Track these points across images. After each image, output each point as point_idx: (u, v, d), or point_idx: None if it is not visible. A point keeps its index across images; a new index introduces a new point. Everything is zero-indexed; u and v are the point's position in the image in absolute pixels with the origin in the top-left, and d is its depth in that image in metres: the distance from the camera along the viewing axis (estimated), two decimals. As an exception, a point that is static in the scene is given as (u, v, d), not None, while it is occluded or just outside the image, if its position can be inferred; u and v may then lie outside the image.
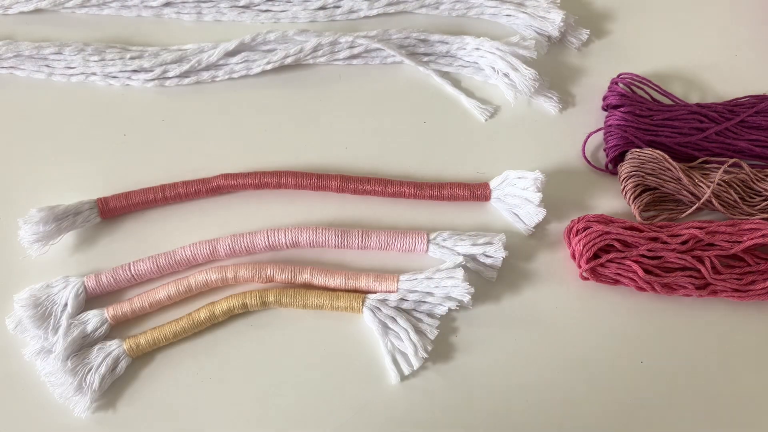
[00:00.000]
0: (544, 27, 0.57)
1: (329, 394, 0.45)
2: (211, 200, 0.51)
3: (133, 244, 0.49)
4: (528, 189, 0.48)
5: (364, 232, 0.48)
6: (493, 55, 0.55)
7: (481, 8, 0.58)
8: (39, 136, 0.53)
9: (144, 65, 0.54)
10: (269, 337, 0.47)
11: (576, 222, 0.48)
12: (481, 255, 0.48)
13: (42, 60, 0.55)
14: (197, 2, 0.58)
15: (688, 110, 0.53)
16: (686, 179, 0.49)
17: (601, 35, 0.59)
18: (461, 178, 0.52)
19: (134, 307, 0.46)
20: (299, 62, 0.56)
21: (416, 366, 0.45)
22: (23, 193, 0.50)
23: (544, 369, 0.46)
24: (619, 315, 0.48)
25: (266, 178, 0.50)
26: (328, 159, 0.52)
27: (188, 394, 0.45)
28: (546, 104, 0.55)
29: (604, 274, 0.47)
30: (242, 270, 0.47)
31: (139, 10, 0.58)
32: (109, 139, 0.53)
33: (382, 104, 0.55)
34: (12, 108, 0.54)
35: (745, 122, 0.53)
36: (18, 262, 0.48)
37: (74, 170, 0.51)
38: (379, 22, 0.58)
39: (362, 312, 0.46)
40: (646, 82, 0.54)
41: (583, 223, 0.48)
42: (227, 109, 0.54)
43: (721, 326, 0.48)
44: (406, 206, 0.51)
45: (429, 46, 0.57)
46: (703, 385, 0.46)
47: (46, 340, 0.45)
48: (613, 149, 0.51)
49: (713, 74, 0.57)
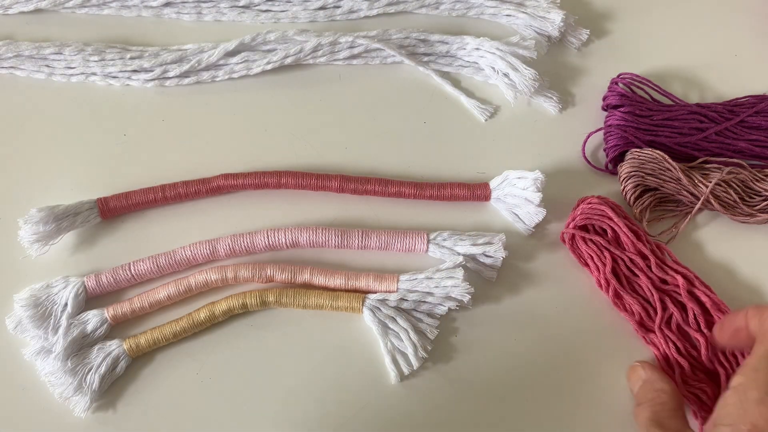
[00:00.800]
0: (544, 27, 0.57)
1: (329, 394, 0.45)
2: (211, 200, 0.51)
3: (133, 244, 0.49)
4: (528, 189, 0.48)
5: (364, 232, 0.48)
6: (493, 55, 0.55)
7: (481, 8, 0.58)
8: (39, 136, 0.53)
9: (144, 65, 0.54)
10: (269, 337, 0.47)
11: (592, 197, 0.48)
12: (481, 255, 0.48)
13: (42, 60, 0.55)
14: (197, 2, 0.58)
15: (687, 110, 0.53)
16: (686, 179, 0.49)
17: (601, 35, 0.59)
18: (461, 178, 0.52)
19: (134, 307, 0.46)
20: (299, 62, 0.56)
21: (416, 366, 0.45)
22: (23, 193, 0.50)
23: (544, 369, 0.46)
24: (618, 316, 0.48)
25: (266, 178, 0.50)
26: (328, 159, 0.53)
27: (188, 394, 0.45)
28: (546, 104, 0.55)
29: (580, 249, 0.48)
30: (242, 270, 0.47)
31: (139, 10, 0.58)
32: (109, 139, 0.53)
33: (382, 104, 0.55)
34: (12, 108, 0.54)
35: (745, 122, 0.53)
36: (18, 262, 0.48)
37: (74, 170, 0.51)
38: (379, 22, 0.58)
39: (362, 312, 0.46)
40: (645, 82, 0.54)
41: (597, 200, 0.48)
42: (227, 109, 0.54)
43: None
44: (406, 206, 0.51)
45: (429, 46, 0.57)
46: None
47: (46, 340, 0.45)
48: (613, 149, 0.51)
49: (713, 74, 0.57)
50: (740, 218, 0.50)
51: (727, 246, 0.50)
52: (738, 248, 0.50)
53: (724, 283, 0.49)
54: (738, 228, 0.51)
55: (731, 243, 0.50)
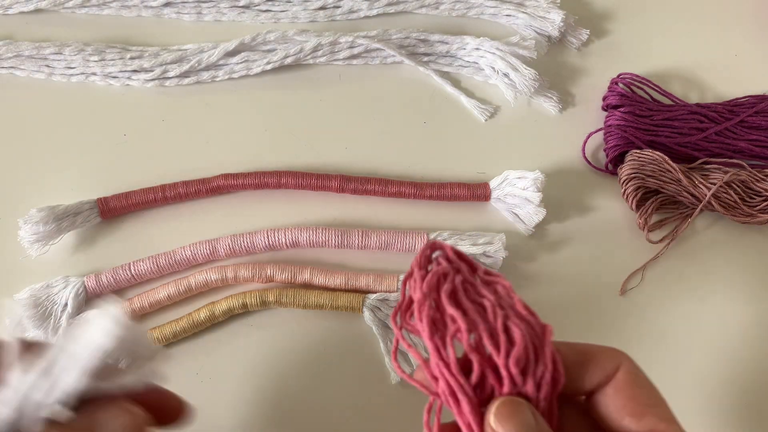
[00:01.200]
0: (544, 27, 0.57)
1: (329, 393, 0.45)
2: (211, 200, 0.51)
3: (133, 244, 0.49)
4: (528, 189, 0.48)
5: (364, 232, 0.48)
6: (493, 55, 0.55)
7: (481, 8, 0.58)
8: (39, 136, 0.53)
9: (144, 65, 0.54)
10: (269, 337, 0.47)
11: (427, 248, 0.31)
12: (481, 255, 0.48)
13: (42, 60, 0.55)
14: (197, 2, 0.58)
15: (687, 110, 0.53)
16: (686, 180, 0.49)
17: (601, 35, 0.59)
18: (461, 178, 0.52)
19: (134, 307, 0.46)
20: (299, 62, 0.56)
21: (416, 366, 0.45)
22: (23, 193, 0.50)
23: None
24: (617, 316, 0.48)
25: (266, 178, 0.50)
26: (328, 159, 0.53)
27: (188, 394, 0.45)
28: (546, 104, 0.55)
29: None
30: (242, 270, 0.47)
31: (139, 10, 0.58)
32: (109, 139, 0.53)
33: (382, 104, 0.55)
34: (12, 108, 0.54)
35: (745, 122, 0.53)
36: (18, 262, 0.48)
37: (74, 170, 0.51)
38: (379, 22, 0.58)
39: (362, 312, 0.46)
40: (646, 82, 0.54)
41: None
42: (227, 109, 0.54)
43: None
44: (406, 206, 0.51)
45: (429, 46, 0.57)
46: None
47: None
48: (613, 149, 0.51)
49: (713, 74, 0.57)
50: (741, 219, 0.50)
51: (728, 246, 0.50)
52: (739, 249, 0.50)
53: (725, 283, 0.49)
54: (738, 228, 0.51)
55: (732, 243, 0.50)
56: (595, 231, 0.51)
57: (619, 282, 0.49)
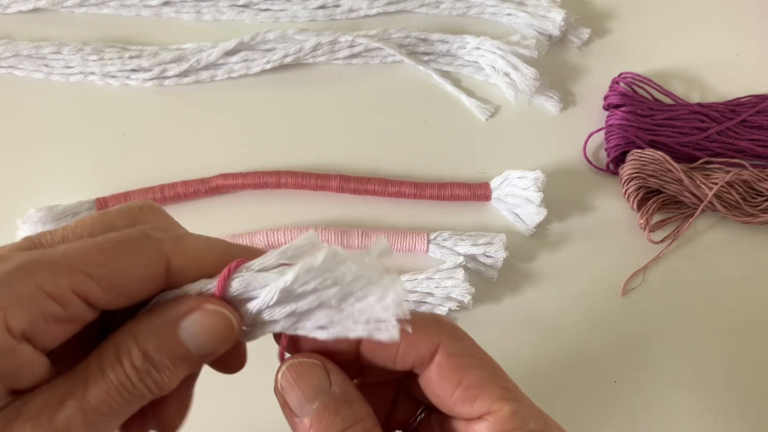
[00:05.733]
0: (544, 26, 0.57)
1: (329, 395, 0.45)
2: (211, 200, 0.51)
3: (132, 245, 0.49)
4: (529, 189, 0.48)
5: (364, 232, 0.48)
6: (494, 55, 0.55)
7: (482, 7, 0.58)
8: (37, 135, 0.53)
9: (143, 64, 0.54)
10: (269, 336, 0.46)
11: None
12: (481, 255, 0.47)
13: (41, 59, 0.55)
14: (196, 1, 0.58)
15: (689, 110, 0.52)
16: (688, 180, 0.49)
17: (602, 34, 0.59)
18: (461, 177, 0.52)
19: (133, 308, 0.46)
20: (299, 61, 0.55)
21: (416, 367, 0.45)
22: (22, 193, 0.50)
23: (544, 369, 0.46)
24: (618, 316, 0.48)
25: (266, 178, 0.50)
26: (328, 159, 0.52)
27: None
28: (546, 104, 0.55)
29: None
30: (242, 270, 0.46)
31: (138, 10, 0.58)
32: (107, 139, 0.53)
33: (382, 104, 0.55)
34: (10, 108, 0.54)
35: (747, 122, 0.52)
36: (16, 262, 0.48)
37: (73, 170, 0.51)
38: (379, 21, 0.58)
39: (362, 312, 0.46)
40: (647, 81, 0.54)
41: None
42: (227, 108, 0.54)
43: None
44: (406, 206, 0.51)
45: (429, 46, 0.56)
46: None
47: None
48: (615, 149, 0.51)
49: (714, 74, 0.57)
50: (743, 219, 0.49)
51: (730, 247, 0.50)
52: (741, 249, 0.50)
53: (726, 283, 0.49)
54: (740, 229, 0.50)
55: (734, 244, 0.50)
56: (596, 231, 0.50)
57: (620, 282, 0.49)
